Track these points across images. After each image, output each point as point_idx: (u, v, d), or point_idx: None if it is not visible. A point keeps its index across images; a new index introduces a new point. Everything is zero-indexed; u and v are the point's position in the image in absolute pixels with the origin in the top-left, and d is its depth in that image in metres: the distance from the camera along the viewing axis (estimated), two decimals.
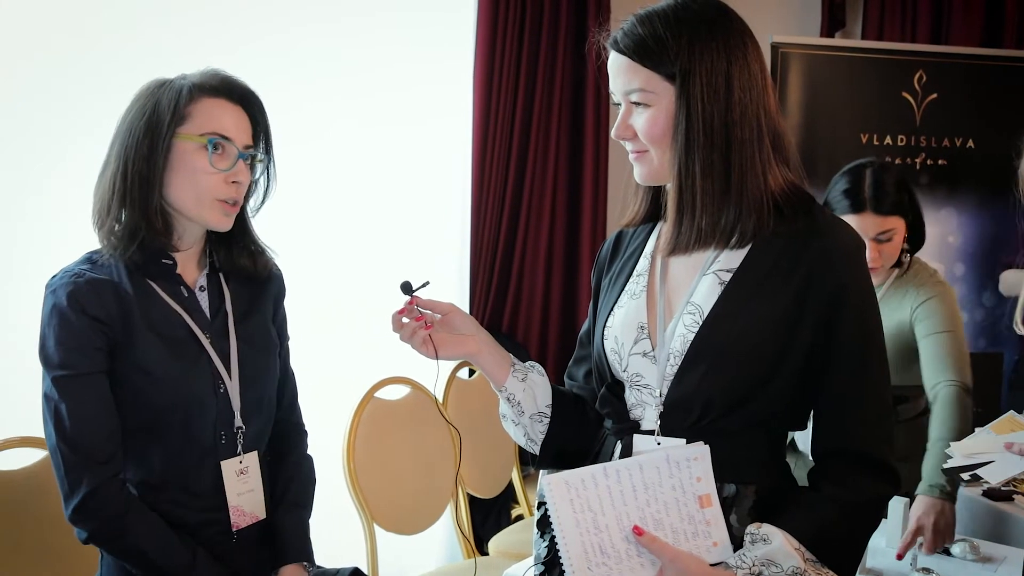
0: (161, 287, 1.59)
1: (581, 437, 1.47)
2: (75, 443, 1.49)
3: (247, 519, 1.66)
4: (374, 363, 3.04)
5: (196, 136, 1.55)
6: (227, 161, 1.57)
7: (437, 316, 1.43)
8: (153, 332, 1.55)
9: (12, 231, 2.57)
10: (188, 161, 1.55)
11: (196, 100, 1.55)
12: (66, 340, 1.49)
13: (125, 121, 1.57)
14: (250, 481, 1.66)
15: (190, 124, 1.55)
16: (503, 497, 3.46)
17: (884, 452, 1.30)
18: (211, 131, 1.55)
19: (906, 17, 4.44)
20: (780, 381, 1.30)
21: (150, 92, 1.57)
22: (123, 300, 1.53)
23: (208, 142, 1.55)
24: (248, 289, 1.72)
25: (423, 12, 3.64)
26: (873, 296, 1.33)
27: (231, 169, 1.57)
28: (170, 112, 1.53)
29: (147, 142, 1.53)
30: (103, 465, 1.51)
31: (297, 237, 3.20)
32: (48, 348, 1.50)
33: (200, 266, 1.67)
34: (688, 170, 1.29)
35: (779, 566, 1.23)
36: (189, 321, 1.60)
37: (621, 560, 1.28)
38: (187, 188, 1.55)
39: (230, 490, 1.63)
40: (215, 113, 1.57)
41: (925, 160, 4.15)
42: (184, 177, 1.55)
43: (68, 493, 1.50)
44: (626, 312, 1.40)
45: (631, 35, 1.31)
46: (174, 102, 1.54)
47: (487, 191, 3.89)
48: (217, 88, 1.58)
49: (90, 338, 1.50)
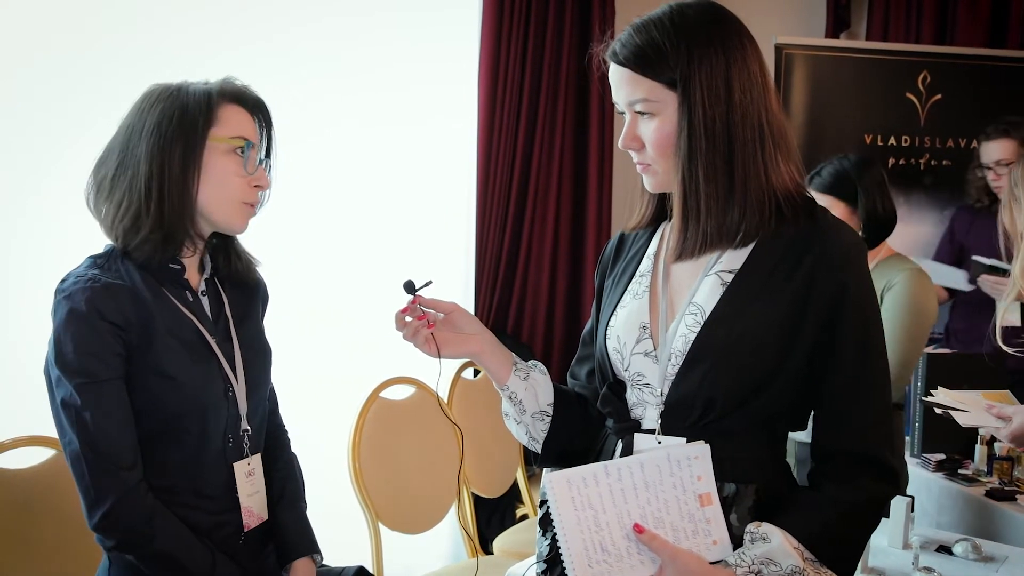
0: (169, 291, 1.59)
1: (583, 436, 1.49)
2: (102, 451, 1.46)
3: (255, 519, 1.67)
4: (379, 363, 3.05)
5: (228, 139, 1.57)
6: (253, 165, 1.60)
7: (440, 315, 1.44)
8: (171, 336, 1.54)
9: (12, 231, 2.58)
10: (219, 164, 1.56)
11: (222, 104, 1.58)
12: (86, 346, 1.46)
13: (145, 122, 1.54)
14: (256, 482, 1.68)
15: (221, 127, 1.57)
16: (508, 497, 3.47)
17: (884, 452, 1.31)
18: (240, 135, 1.58)
19: (911, 18, 4.44)
20: (781, 381, 1.30)
21: (169, 96, 1.55)
22: (140, 304, 1.52)
23: (246, 145, 1.58)
24: (241, 294, 1.74)
25: (428, 12, 3.65)
26: (874, 297, 1.34)
27: (255, 172, 1.60)
28: (202, 115, 1.54)
29: (180, 145, 1.53)
30: (129, 471, 1.49)
31: (302, 237, 3.22)
32: (67, 355, 1.46)
33: (200, 271, 1.68)
34: (692, 176, 1.29)
35: (778, 565, 1.23)
36: (199, 325, 1.60)
37: (622, 558, 1.29)
38: (217, 191, 1.57)
39: (242, 491, 1.64)
40: (237, 119, 1.59)
41: (929, 161, 4.15)
42: (214, 180, 1.56)
43: (94, 502, 1.47)
44: (629, 312, 1.41)
45: (629, 46, 1.31)
46: (204, 104, 1.55)
47: (492, 191, 3.89)
48: (235, 96, 1.60)
49: (110, 344, 1.48)
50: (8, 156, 2.56)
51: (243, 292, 1.74)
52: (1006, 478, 2.57)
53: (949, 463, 2.70)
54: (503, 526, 3.45)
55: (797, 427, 1.39)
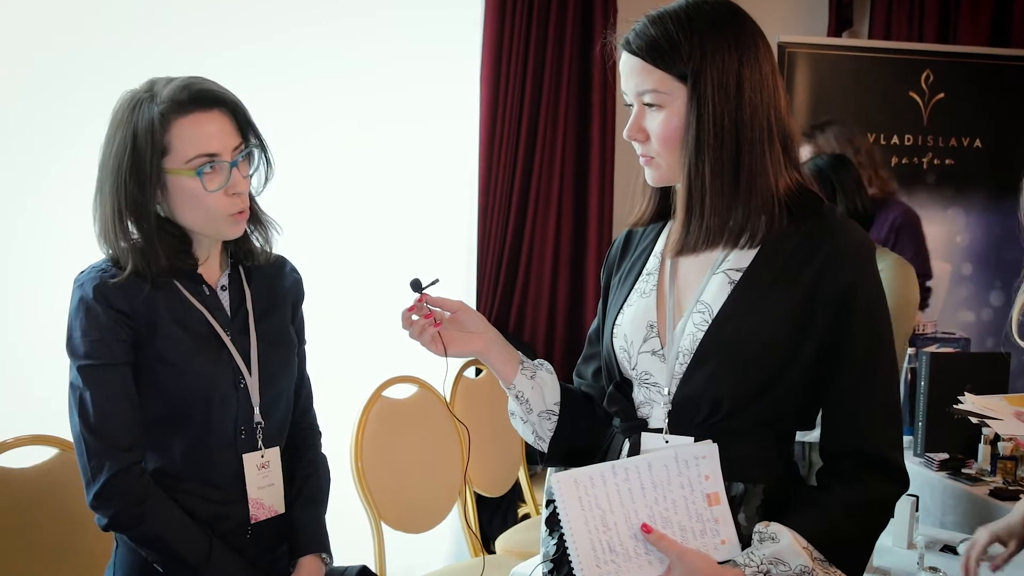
0: (184, 285, 1.62)
1: (589, 435, 1.48)
2: (98, 430, 1.52)
3: (266, 512, 1.68)
4: (381, 362, 3.05)
5: (183, 167, 1.53)
6: (220, 178, 1.56)
7: (447, 314, 1.43)
8: (177, 326, 1.59)
9: (12, 231, 2.58)
10: (185, 190, 1.55)
11: (171, 125, 1.52)
12: (91, 332, 1.53)
13: (111, 154, 1.54)
14: (271, 475, 1.68)
15: (173, 155, 1.53)
16: (510, 496, 3.47)
17: (893, 452, 1.30)
18: (196, 155, 1.53)
19: (913, 17, 4.43)
20: (789, 380, 1.30)
21: (125, 118, 1.54)
22: (148, 295, 1.57)
23: (197, 172, 1.53)
24: (268, 289, 1.74)
25: (430, 11, 3.65)
26: (883, 296, 1.34)
27: (227, 183, 1.56)
28: (149, 147, 1.51)
29: (134, 181, 1.52)
30: (125, 452, 1.54)
31: (306, 236, 3.21)
32: (74, 339, 1.54)
33: (222, 266, 1.69)
34: (698, 170, 1.29)
35: (787, 565, 1.23)
36: (210, 318, 1.63)
37: (629, 558, 1.28)
38: (194, 213, 1.57)
39: (251, 483, 1.65)
40: (194, 133, 1.53)
41: (932, 160, 4.15)
42: (187, 205, 1.56)
43: (90, 479, 1.53)
44: (635, 310, 1.40)
45: (643, 36, 1.31)
46: (150, 135, 1.51)
47: (494, 190, 3.89)
48: (187, 103, 1.53)
49: (114, 330, 1.54)
50: (8, 156, 2.55)
51: (271, 287, 1.75)
52: (1010, 477, 2.57)
53: (952, 462, 2.70)
54: (505, 525, 3.45)
55: (805, 426, 1.38)
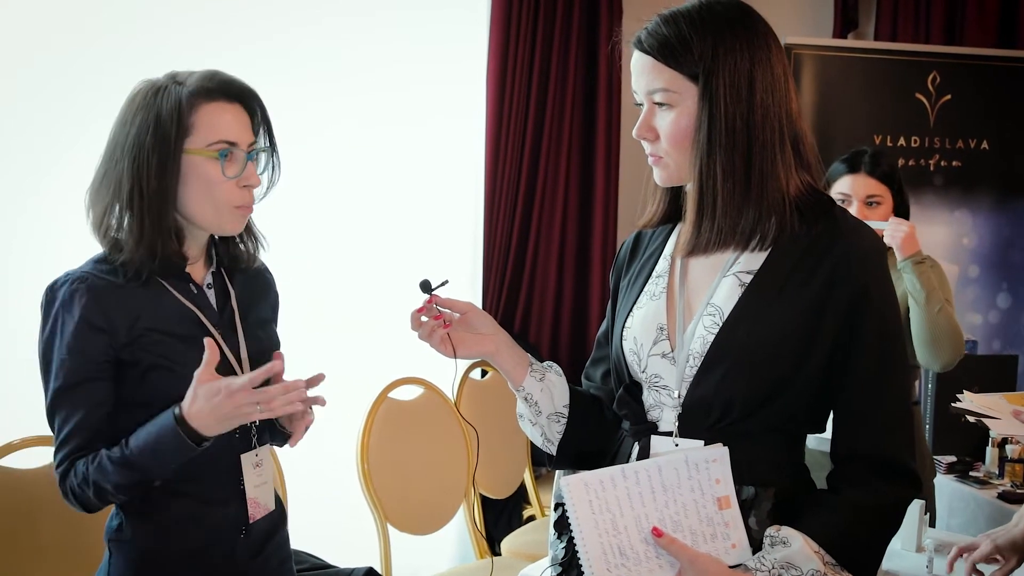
0: (171, 284, 1.60)
1: (598, 438, 1.47)
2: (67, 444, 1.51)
3: (261, 510, 1.67)
4: (387, 364, 3.04)
5: (204, 148, 1.53)
6: (237, 166, 1.56)
7: (456, 315, 1.43)
8: (166, 327, 1.56)
9: (12, 231, 2.57)
10: (200, 173, 1.54)
11: (197, 108, 1.53)
12: (64, 346, 1.50)
13: (128, 134, 1.53)
14: (264, 473, 1.68)
15: (196, 136, 1.53)
16: (515, 498, 3.46)
17: (904, 456, 1.30)
18: (218, 140, 1.54)
19: (919, 18, 4.42)
20: (800, 383, 1.29)
21: (147, 102, 1.54)
22: (129, 302, 1.53)
23: (219, 154, 1.54)
24: (249, 288, 1.73)
25: (436, 11, 3.65)
26: (894, 299, 1.33)
27: (242, 174, 1.56)
28: (174, 126, 1.51)
29: (156, 159, 1.51)
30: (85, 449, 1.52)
31: (311, 238, 3.21)
32: (48, 353, 1.52)
33: (207, 264, 1.67)
34: (709, 171, 1.28)
35: (799, 569, 1.22)
36: (201, 317, 1.61)
37: (640, 562, 1.28)
38: (203, 200, 1.55)
39: (248, 482, 1.64)
40: (217, 119, 1.55)
41: (939, 161, 4.13)
42: (199, 190, 1.55)
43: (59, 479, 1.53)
44: (645, 313, 1.40)
45: (656, 35, 1.30)
46: (176, 113, 1.51)
47: (499, 191, 3.89)
48: (214, 91, 1.55)
49: (90, 344, 1.50)
50: (8, 156, 2.55)
51: (251, 286, 1.73)
52: (1018, 480, 2.56)
53: (960, 465, 2.69)
54: (510, 527, 3.45)
55: (816, 429, 1.37)
